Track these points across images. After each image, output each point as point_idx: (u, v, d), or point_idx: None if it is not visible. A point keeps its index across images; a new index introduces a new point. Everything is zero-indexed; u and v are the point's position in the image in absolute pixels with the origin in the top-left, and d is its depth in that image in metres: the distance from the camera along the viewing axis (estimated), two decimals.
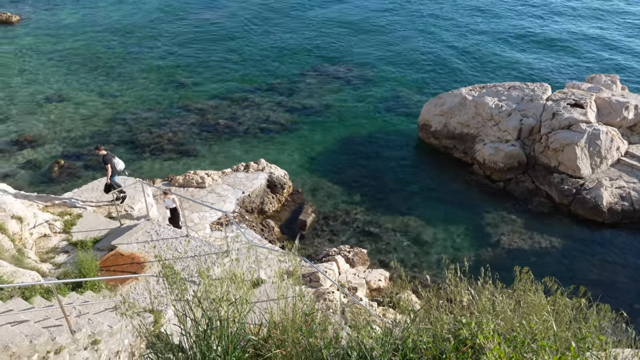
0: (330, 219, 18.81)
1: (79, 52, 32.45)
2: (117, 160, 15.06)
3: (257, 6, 40.50)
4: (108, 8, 40.35)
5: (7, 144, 22.63)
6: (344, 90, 28.01)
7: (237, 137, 23.91)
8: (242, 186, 18.75)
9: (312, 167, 21.81)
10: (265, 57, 31.95)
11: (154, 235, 13.04)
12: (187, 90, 28.04)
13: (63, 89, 27.83)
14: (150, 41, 34.27)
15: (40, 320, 8.60)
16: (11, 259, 10.56)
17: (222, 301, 4.00)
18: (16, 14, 38.20)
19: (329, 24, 36.94)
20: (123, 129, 24.30)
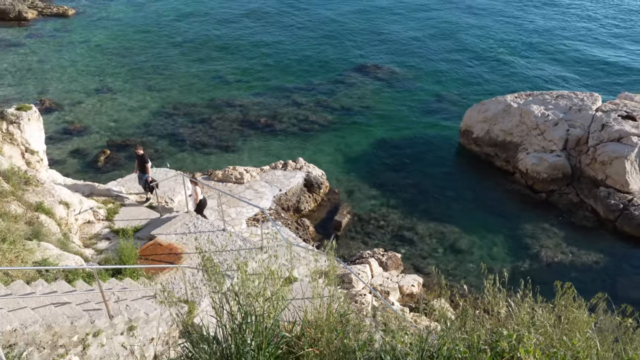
0: (366, 221, 18.73)
1: (129, 46, 33.44)
2: None
3: (303, 6, 40.73)
4: (158, 4, 41.39)
5: (58, 133, 23.53)
6: (385, 92, 27.84)
7: (276, 134, 24.11)
8: (279, 184, 18.89)
9: (349, 168, 21.78)
10: (307, 57, 32.11)
11: (191, 227, 13.31)
12: (231, 86, 28.47)
13: (111, 82, 28.74)
14: (196, 37, 34.98)
15: (81, 303, 8.92)
16: (57, 243, 10.98)
17: (258, 296, 4.04)
18: (72, 7, 39.67)
19: (372, 25, 36.79)
20: (166, 122, 24.89)
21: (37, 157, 14.32)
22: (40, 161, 14.45)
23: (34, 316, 7.79)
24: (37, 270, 9.36)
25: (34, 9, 39.11)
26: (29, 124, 14.13)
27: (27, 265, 9.24)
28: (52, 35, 34.97)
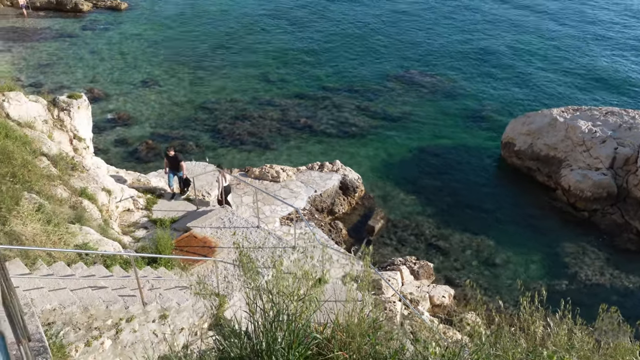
0: (399, 228, 18.55)
1: (177, 42, 34.23)
2: None
3: (348, 11, 40.77)
4: (207, 2, 42.22)
5: (105, 122, 24.29)
6: (427, 99, 27.54)
7: (314, 136, 24.19)
8: (315, 185, 18.93)
9: (386, 174, 21.62)
10: (351, 59, 32.10)
11: (226, 222, 13.49)
12: (273, 85, 28.75)
13: (157, 74, 29.48)
14: (242, 36, 35.49)
15: (117, 289, 9.16)
16: (97, 228, 11.32)
17: (292, 296, 4.05)
18: (125, 1, 40.93)
19: (418, 33, 36.48)
20: (208, 117, 25.34)
21: (84, 144, 14.82)
22: (87, 148, 14.95)
23: (72, 297, 8.04)
24: (78, 254, 9.66)
25: (89, 1, 40.56)
26: (79, 112, 14.63)
27: (69, 247, 9.55)
28: (104, 28, 36.18)
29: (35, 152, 11.86)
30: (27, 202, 9.73)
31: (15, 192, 9.46)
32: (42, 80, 28.09)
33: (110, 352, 8.48)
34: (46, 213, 9.89)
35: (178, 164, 15.51)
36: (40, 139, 12.59)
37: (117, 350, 8.56)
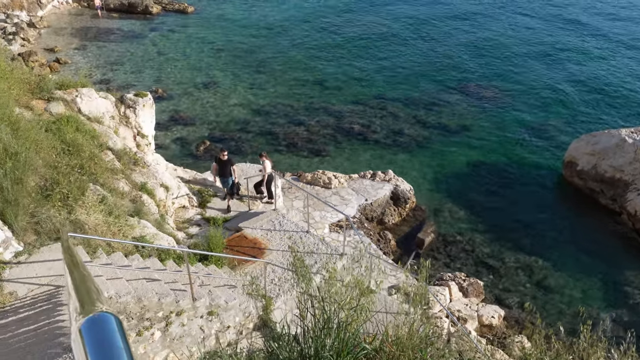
0: (450, 243, 18.14)
1: (238, 46, 35.11)
2: None
3: (409, 19, 40.49)
4: (271, 7, 43.06)
5: (166, 120, 25.19)
6: (486, 112, 26.88)
7: (368, 144, 24.11)
8: (366, 193, 18.84)
9: (439, 187, 21.23)
10: (409, 69, 31.82)
11: (277, 225, 13.64)
12: (330, 92, 28.92)
13: (218, 77, 30.31)
14: (301, 42, 35.96)
15: (169, 282, 9.44)
16: (154, 222, 11.72)
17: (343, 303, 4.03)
18: (192, 5, 42.42)
19: (483, 43, 35.71)
20: (264, 120, 25.78)
21: (146, 140, 15.42)
22: (149, 145, 15.54)
23: (128, 287, 8.34)
24: (135, 246, 10.03)
25: (159, 4, 42.31)
26: (143, 110, 15.25)
27: (127, 239, 9.94)
28: (171, 30, 37.61)
29: (101, 146, 12.45)
30: (92, 193, 10.21)
31: (82, 183, 9.95)
32: (111, 78, 29.51)
33: (159, 344, 8.73)
34: (108, 205, 10.34)
35: (229, 168, 15.01)
36: (107, 134, 13.21)
37: (166, 342, 8.81)
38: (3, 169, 8.44)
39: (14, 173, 8.58)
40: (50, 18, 38.26)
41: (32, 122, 10.93)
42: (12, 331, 5.22)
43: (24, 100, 12.07)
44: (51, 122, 11.70)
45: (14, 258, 7.64)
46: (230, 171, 14.87)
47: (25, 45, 32.38)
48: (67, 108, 13.03)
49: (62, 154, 10.66)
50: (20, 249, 7.84)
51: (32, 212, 8.79)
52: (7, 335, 5.05)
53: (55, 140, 11.02)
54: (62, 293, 6.93)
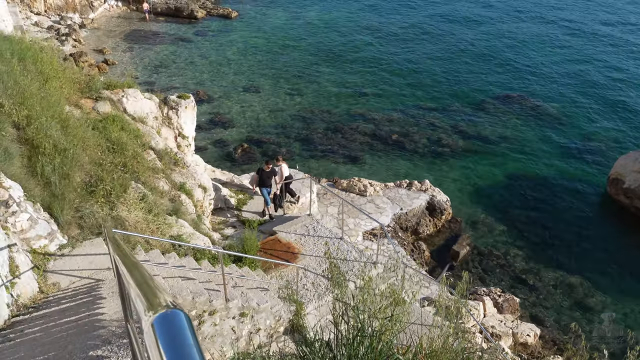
0: (485, 257, 17.77)
1: (280, 51, 35.52)
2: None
3: (452, 29, 40.05)
4: (313, 14, 43.42)
5: (206, 122, 25.69)
6: (527, 125, 26.27)
7: (405, 153, 23.92)
8: (401, 202, 18.68)
9: (476, 199, 20.85)
10: (450, 78, 31.46)
11: (311, 230, 13.67)
12: (368, 99, 28.88)
13: (259, 81, 30.72)
14: (342, 49, 36.06)
15: (203, 282, 9.58)
16: (191, 222, 11.94)
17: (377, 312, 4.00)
18: (236, 10, 43.21)
19: (523, 55, 34.96)
20: (302, 126, 25.95)
21: (187, 141, 15.75)
22: (189, 146, 15.87)
23: (164, 285, 8.52)
24: (172, 244, 10.24)
25: (204, 9, 43.29)
26: (185, 112, 15.60)
27: (165, 237, 10.16)
28: (214, 34, 38.39)
29: (144, 145, 12.79)
30: (134, 191, 10.50)
31: (124, 181, 10.25)
32: (155, 80, 30.34)
33: None
34: (148, 203, 10.60)
35: (273, 179, 14.50)
36: (149, 134, 13.57)
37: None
38: (52, 164, 8.79)
39: (62, 168, 8.92)
40: (100, 20, 39.69)
41: (81, 120, 11.34)
42: (54, 321, 5.41)
43: (74, 98, 12.55)
44: (98, 121, 12.11)
45: (58, 250, 7.92)
46: (271, 182, 14.51)
47: (76, 46, 33.68)
48: (114, 107, 13.47)
49: (107, 152, 11.01)
50: (65, 242, 8.13)
51: (76, 206, 9.10)
52: (50, 325, 5.24)
53: (101, 138, 11.39)
54: (101, 286, 7.14)
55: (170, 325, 1.20)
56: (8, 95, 9.17)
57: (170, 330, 1.19)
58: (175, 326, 1.20)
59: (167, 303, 1.31)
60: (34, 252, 7.52)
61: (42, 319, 5.64)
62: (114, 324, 4.94)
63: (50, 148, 8.99)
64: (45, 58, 12.18)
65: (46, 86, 10.94)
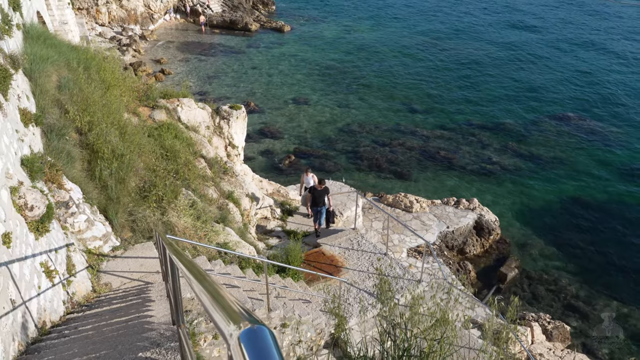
0: (535, 281, 17.11)
1: (331, 64, 35.83)
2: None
3: (507, 40, 39.26)
4: (364, 28, 43.64)
5: (256, 132, 26.16)
6: (582, 146, 25.27)
7: (453, 170, 23.48)
8: (447, 220, 18.31)
9: (527, 220, 20.17)
10: (502, 95, 30.77)
11: (355, 244, 13.59)
12: (417, 115, 28.63)
13: (309, 94, 31.05)
14: (392, 64, 36.00)
15: (247, 290, 9.68)
16: (237, 231, 12.12)
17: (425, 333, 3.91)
18: (289, 24, 44.00)
19: (582, 73, 33.78)
20: (349, 139, 25.97)
21: (236, 151, 16.06)
22: (238, 155, 16.18)
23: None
24: (218, 251, 10.41)
25: (258, 22, 44.36)
26: (236, 122, 15.94)
27: (212, 244, 10.35)
28: (267, 47, 39.19)
29: (196, 153, 13.14)
30: (184, 197, 10.78)
31: (176, 187, 10.55)
32: (208, 90, 31.21)
33: None
34: (197, 210, 10.85)
35: (325, 197, 13.96)
36: (201, 142, 13.93)
37: None
38: (110, 168, 9.16)
39: (118, 173, 9.28)
40: (159, 32, 41.33)
41: (138, 127, 11.78)
42: (105, 320, 5.59)
43: (132, 106, 13.07)
44: (153, 128, 12.55)
45: (112, 252, 8.22)
46: (325, 201, 13.96)
47: (136, 56, 35.17)
48: (169, 116, 13.93)
49: (161, 159, 11.38)
50: (118, 244, 8.42)
51: (130, 210, 9.43)
52: (101, 324, 5.41)
53: (156, 145, 11.79)
54: (150, 289, 7.33)
55: (257, 341, 1.22)
56: (73, 102, 9.65)
57: (258, 347, 1.21)
58: (262, 342, 1.22)
59: (250, 318, 1.32)
60: (89, 252, 7.83)
61: (94, 317, 5.84)
62: (163, 326, 5.05)
63: (109, 153, 9.37)
64: (107, 67, 12.76)
65: (107, 94, 11.45)
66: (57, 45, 11.69)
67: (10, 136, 6.24)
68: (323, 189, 13.81)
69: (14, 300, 4.65)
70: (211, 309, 1.62)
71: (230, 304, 1.53)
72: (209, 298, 1.71)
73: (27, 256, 5.36)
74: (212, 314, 1.58)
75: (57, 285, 6.11)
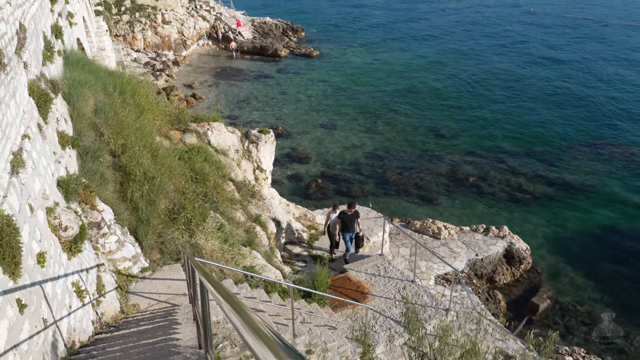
0: (568, 313, 16.52)
1: (358, 89, 36.08)
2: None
3: (540, 68, 38.91)
4: (392, 53, 43.94)
5: (283, 156, 26.37)
6: (618, 174, 24.59)
7: (482, 197, 23.12)
8: (476, 248, 17.95)
9: (559, 249, 19.60)
10: (533, 121, 30.34)
11: (382, 270, 13.42)
12: (445, 141, 28.44)
13: (336, 118, 31.24)
14: (420, 89, 36.02)
15: (273, 315, 9.62)
16: (264, 254, 12.13)
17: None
18: (317, 49, 44.67)
19: (615, 98, 33.11)
20: (377, 164, 25.92)
21: (264, 175, 16.20)
22: (266, 179, 16.31)
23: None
24: (244, 275, 10.42)
25: (287, 48, 45.16)
26: (265, 146, 16.12)
27: (239, 267, 10.37)
28: (295, 72, 39.78)
29: (225, 176, 13.31)
30: (212, 220, 10.88)
31: (204, 210, 10.66)
32: (238, 114, 31.75)
33: None
34: (225, 232, 10.92)
35: (355, 222, 13.62)
36: (230, 166, 14.11)
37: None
38: (141, 190, 9.33)
39: (149, 195, 9.44)
40: (192, 57, 42.46)
41: (169, 150, 12.02)
42: (133, 342, 5.62)
43: (164, 130, 13.37)
44: (184, 151, 12.79)
45: (140, 273, 8.30)
46: (355, 226, 13.64)
47: (168, 80, 36.15)
48: (199, 139, 14.18)
49: (190, 181, 11.56)
50: (146, 265, 8.51)
51: (159, 232, 9.56)
52: (128, 345, 5.44)
53: (186, 168, 11.99)
54: (177, 312, 7.36)
55: None
56: (108, 125, 9.93)
57: None
58: None
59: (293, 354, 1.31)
60: (119, 272, 7.93)
61: (122, 338, 5.87)
62: (189, 350, 5.05)
63: (141, 175, 9.57)
64: (142, 92, 13.14)
65: (141, 117, 11.75)
66: (94, 70, 12.11)
67: (48, 158, 6.44)
68: (353, 213, 13.46)
69: (45, 319, 4.72)
70: (252, 342, 1.59)
71: (269, 337, 1.51)
72: (247, 329, 1.69)
73: (59, 276, 5.46)
74: (255, 349, 1.55)
75: (87, 305, 6.19)
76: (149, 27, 41.20)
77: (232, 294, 2.15)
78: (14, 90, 5.61)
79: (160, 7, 42.74)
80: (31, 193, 5.27)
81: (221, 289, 2.19)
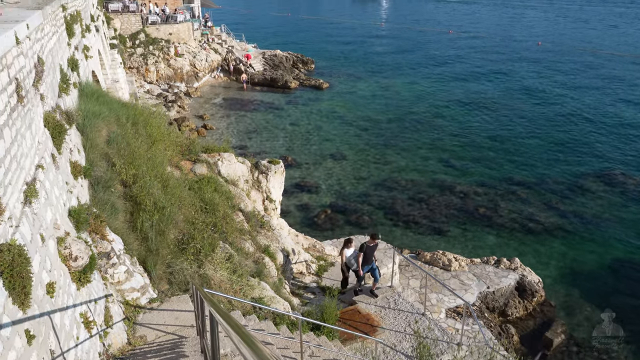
0: (584, 349, 16.09)
1: (368, 121, 36.35)
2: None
3: (550, 98, 39.05)
4: (401, 87, 44.41)
5: (293, 187, 26.42)
6: (631, 207, 24.30)
7: (493, 228, 22.89)
8: (488, 280, 17.68)
9: (573, 283, 19.23)
10: (543, 152, 30.26)
11: (392, 303, 13.22)
12: (456, 171, 28.39)
13: (345, 149, 31.39)
14: (429, 120, 36.21)
15: (281, 348, 9.47)
16: (272, 285, 12.02)
17: None
18: (327, 81, 45.28)
19: (630, 129, 33.02)
20: (386, 194, 25.86)
21: (273, 205, 16.21)
22: (275, 209, 16.31)
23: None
24: (252, 306, 10.31)
25: (297, 79, 45.85)
26: (274, 176, 16.18)
27: (247, 299, 10.27)
28: (305, 104, 40.25)
29: (234, 207, 13.32)
30: (221, 250, 10.84)
31: (213, 240, 10.64)
32: (248, 144, 32.02)
33: None
34: (234, 263, 10.87)
35: (374, 253, 13.18)
36: (240, 196, 14.15)
37: None
38: (151, 220, 9.36)
39: (159, 225, 9.46)
40: (203, 89, 43.19)
41: (179, 180, 12.10)
42: None
43: (175, 160, 13.50)
44: (194, 182, 12.86)
45: (148, 304, 8.25)
46: (373, 257, 13.23)
47: (180, 111, 36.71)
48: (209, 170, 14.28)
49: (200, 211, 11.58)
50: (155, 296, 8.46)
51: (168, 262, 9.53)
52: None
53: (196, 198, 12.04)
54: (184, 344, 7.27)
55: None
56: (120, 156, 10.05)
57: None
58: None
59: None
60: (127, 303, 7.88)
61: None
62: None
63: (151, 205, 9.61)
64: (154, 122, 13.33)
65: (153, 148, 11.89)
66: (108, 101, 12.34)
67: (60, 188, 6.50)
68: (375, 244, 13.10)
69: (53, 350, 4.68)
70: None
71: None
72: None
73: (68, 306, 5.44)
74: None
75: (94, 336, 6.14)
76: (162, 59, 42.11)
77: (241, 325, 2.13)
78: (30, 121, 5.73)
79: (174, 40, 43.76)
80: (43, 223, 5.31)
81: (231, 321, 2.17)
